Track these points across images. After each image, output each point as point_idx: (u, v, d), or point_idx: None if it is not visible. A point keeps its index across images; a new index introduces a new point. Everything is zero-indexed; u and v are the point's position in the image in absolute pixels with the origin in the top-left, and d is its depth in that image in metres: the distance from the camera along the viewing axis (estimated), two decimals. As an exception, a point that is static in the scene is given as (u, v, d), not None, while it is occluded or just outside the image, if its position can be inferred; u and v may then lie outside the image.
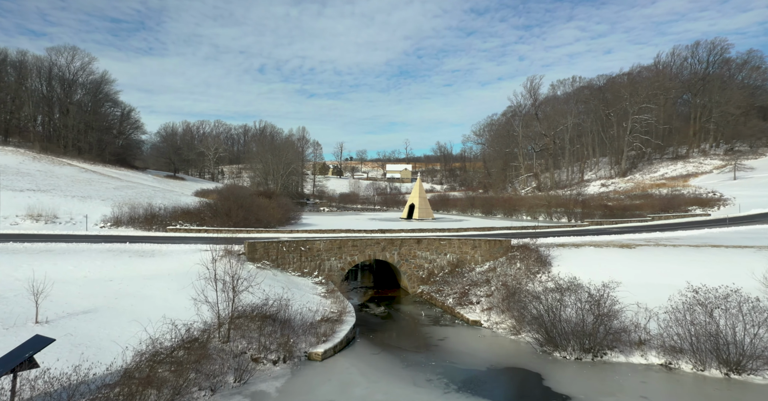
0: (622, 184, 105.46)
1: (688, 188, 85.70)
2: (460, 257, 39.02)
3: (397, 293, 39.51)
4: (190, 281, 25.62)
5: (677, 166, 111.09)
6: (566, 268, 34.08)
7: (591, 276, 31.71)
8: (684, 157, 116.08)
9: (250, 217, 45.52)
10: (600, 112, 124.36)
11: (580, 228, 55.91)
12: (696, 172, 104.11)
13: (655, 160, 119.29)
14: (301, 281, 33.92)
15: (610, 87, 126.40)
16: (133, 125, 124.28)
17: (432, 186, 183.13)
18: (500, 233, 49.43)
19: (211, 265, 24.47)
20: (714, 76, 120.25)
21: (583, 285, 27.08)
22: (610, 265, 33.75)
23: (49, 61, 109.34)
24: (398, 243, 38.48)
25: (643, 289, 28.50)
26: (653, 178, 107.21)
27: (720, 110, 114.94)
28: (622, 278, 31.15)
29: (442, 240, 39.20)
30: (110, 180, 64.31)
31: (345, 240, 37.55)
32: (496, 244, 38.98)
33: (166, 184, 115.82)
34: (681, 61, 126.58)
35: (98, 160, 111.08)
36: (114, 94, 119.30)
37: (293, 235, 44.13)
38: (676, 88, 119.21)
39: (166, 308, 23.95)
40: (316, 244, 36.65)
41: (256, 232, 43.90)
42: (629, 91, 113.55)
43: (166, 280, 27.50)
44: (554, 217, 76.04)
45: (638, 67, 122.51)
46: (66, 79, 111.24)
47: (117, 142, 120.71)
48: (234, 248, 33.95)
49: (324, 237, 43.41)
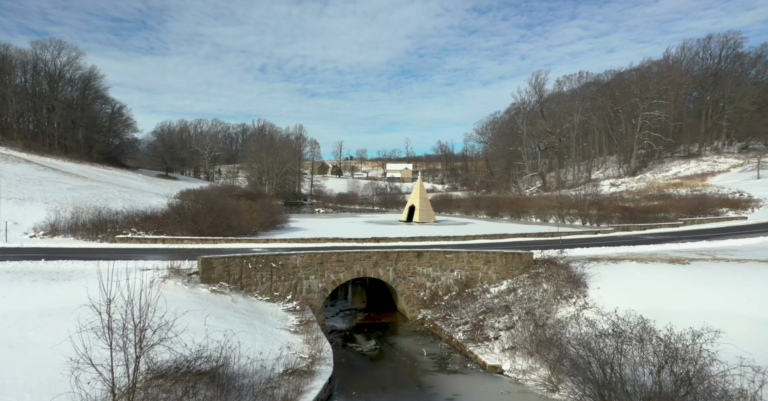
0: (633, 184, 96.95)
1: (708, 188, 77.12)
2: (470, 274, 30.67)
3: (393, 318, 31.19)
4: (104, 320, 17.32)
5: (690, 165, 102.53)
6: (607, 291, 25.74)
7: (640, 303, 23.44)
8: (696, 155, 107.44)
9: (221, 223, 37.23)
10: (607, 109, 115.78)
11: (605, 234, 47.40)
12: (711, 170, 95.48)
13: (666, 159, 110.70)
14: (268, 308, 25.59)
15: (618, 83, 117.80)
16: (124, 123, 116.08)
17: (433, 185, 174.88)
18: (514, 241, 41.06)
19: (115, 304, 16.09)
20: (727, 72, 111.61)
21: (654, 329, 18.67)
22: (663, 288, 25.37)
23: (33, 56, 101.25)
24: (394, 257, 30.16)
25: (730, 327, 20.08)
26: (666, 177, 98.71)
27: (733, 106, 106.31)
28: (684, 307, 22.84)
29: (448, 253, 30.84)
30: (72, 179, 55.89)
31: (328, 254, 29.24)
32: (514, 258, 30.61)
33: (155, 183, 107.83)
34: (692, 56, 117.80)
35: (86, 158, 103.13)
36: (103, 91, 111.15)
37: (268, 245, 35.80)
38: (688, 84, 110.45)
39: (51, 367, 15.74)
40: (292, 259, 28.35)
41: (225, 242, 35.59)
42: (639, 87, 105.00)
43: (73, 318, 19.24)
44: (566, 220, 67.64)
45: (648, 62, 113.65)
46: (52, 74, 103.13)
47: (107, 141, 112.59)
48: (183, 266, 25.72)
49: (305, 248, 35.10)
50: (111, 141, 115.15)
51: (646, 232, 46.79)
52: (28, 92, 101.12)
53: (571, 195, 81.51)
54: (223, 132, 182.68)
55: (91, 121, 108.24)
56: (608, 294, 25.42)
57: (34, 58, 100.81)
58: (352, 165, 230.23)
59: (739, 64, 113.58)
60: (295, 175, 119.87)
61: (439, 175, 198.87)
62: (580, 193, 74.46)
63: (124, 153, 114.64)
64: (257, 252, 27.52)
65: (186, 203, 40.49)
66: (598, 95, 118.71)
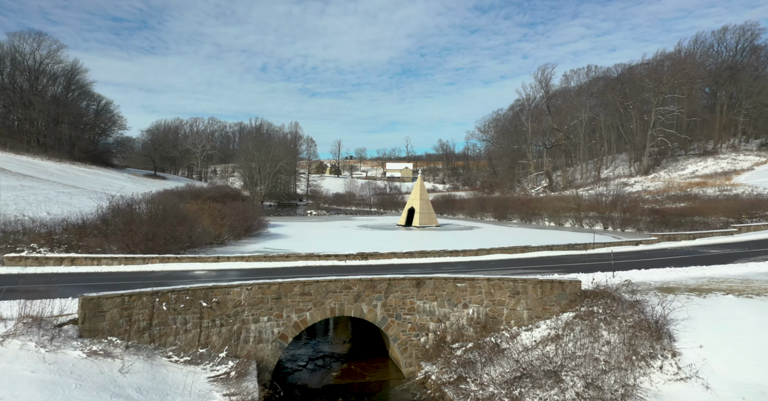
0: (648, 183, 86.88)
1: (739, 187, 67.05)
2: (491, 311, 20.81)
3: (382, 373, 21.29)
4: None
5: (707, 163, 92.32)
6: (711, 350, 15.86)
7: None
8: (712, 152, 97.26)
9: (161, 234, 27.42)
10: (617, 105, 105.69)
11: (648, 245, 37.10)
12: (733, 169, 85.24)
13: (680, 157, 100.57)
14: (181, 379, 15.76)
15: (628, 77, 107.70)
16: (111, 120, 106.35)
17: (434, 185, 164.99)
18: (540, 256, 31.08)
19: None
20: (744, 65, 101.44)
21: None
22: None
23: (11, 48, 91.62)
24: (384, 288, 20.34)
25: None
26: (683, 175, 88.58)
27: (751, 101, 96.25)
28: None
29: (459, 281, 20.97)
30: (7, 178, 45.51)
31: (289, 285, 19.40)
32: (553, 288, 20.71)
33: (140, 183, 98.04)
34: (706, 49, 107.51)
35: (66, 157, 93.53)
36: (88, 86, 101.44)
37: (217, 266, 25.81)
38: (703, 77, 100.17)
39: None
40: (234, 294, 18.53)
41: (160, 261, 25.65)
42: (653, 80, 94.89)
43: None
44: (585, 224, 57.76)
45: (661, 55, 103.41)
46: (31, 67, 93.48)
47: (92, 138, 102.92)
48: (54, 310, 15.96)
49: (265, 270, 25.28)
50: (97, 139, 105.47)
51: (698, 243, 36.71)
52: (5, 87, 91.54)
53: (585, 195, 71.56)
54: (219, 131, 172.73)
55: (75, 118, 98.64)
56: (715, 355, 15.57)
57: (11, 51, 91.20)
58: (351, 164, 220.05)
59: (756, 57, 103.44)
60: (290, 175, 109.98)
61: (440, 175, 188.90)
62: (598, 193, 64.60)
63: (110, 151, 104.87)
64: (176, 288, 17.69)
65: (115, 210, 30.59)
66: (607, 90, 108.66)
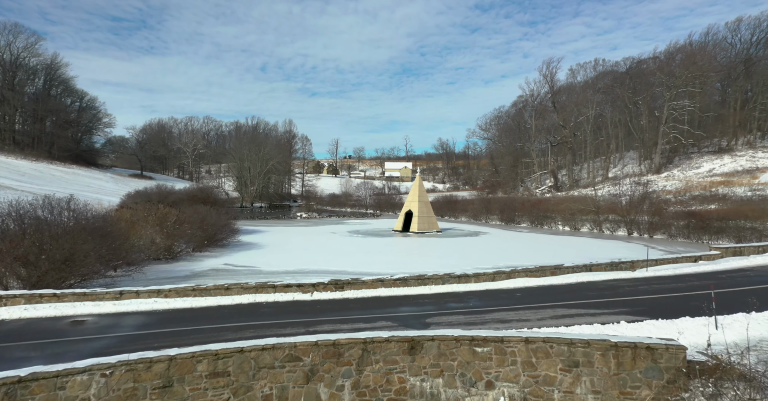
0: (663, 183, 78.22)
1: (772, 187, 58.51)
2: (532, 394, 12.20)
3: None
4: None
5: (724, 161, 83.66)
6: None
7: None
8: (728, 150, 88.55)
9: (59, 255, 18.83)
10: (626, 100, 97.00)
11: (710, 261, 28.17)
12: (755, 167, 76.59)
13: (694, 154, 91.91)
14: None
15: (637, 71, 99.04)
16: (95, 117, 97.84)
17: (434, 185, 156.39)
18: (579, 281, 22.42)
19: None
20: (761, 57, 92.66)
21: None
22: None
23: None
24: (355, 356, 11.78)
25: None
26: (699, 174, 79.99)
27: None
28: None
29: (479, 343, 12.32)
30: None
31: (189, 360, 10.75)
32: (639, 358, 11.90)
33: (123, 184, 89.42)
34: (719, 41, 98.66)
35: (45, 156, 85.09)
36: (68, 81, 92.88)
37: (118, 305, 17.00)
38: (717, 71, 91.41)
39: None
40: (73, 387, 9.90)
41: (25, 301, 17.10)
42: (666, 74, 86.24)
43: None
44: (605, 228, 49.18)
45: (674, 47, 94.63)
46: (6, 61, 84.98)
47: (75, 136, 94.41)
48: None
49: (185, 311, 16.70)
50: (81, 137, 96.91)
51: (772, 259, 28.06)
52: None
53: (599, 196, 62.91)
54: (215, 130, 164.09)
55: (55, 115, 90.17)
56: None
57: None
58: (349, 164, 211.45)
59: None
60: (284, 175, 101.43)
61: (440, 174, 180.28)
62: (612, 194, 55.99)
63: (94, 150, 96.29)
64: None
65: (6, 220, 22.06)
66: (615, 85, 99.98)
